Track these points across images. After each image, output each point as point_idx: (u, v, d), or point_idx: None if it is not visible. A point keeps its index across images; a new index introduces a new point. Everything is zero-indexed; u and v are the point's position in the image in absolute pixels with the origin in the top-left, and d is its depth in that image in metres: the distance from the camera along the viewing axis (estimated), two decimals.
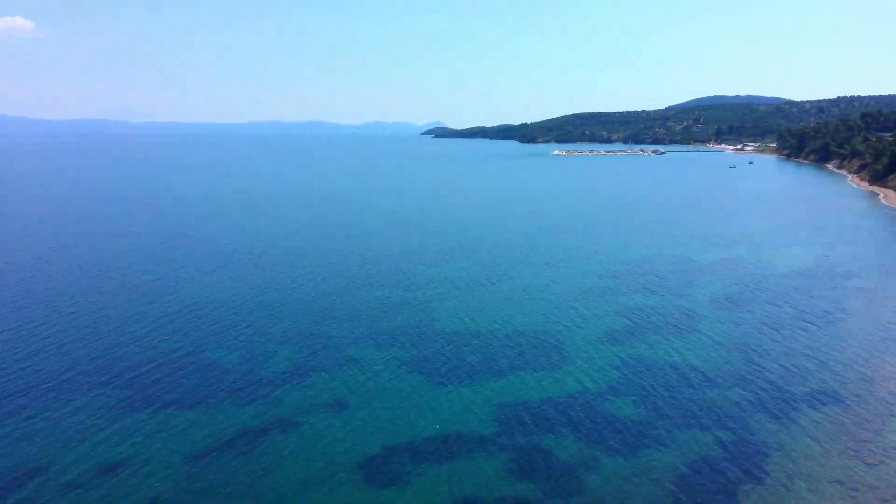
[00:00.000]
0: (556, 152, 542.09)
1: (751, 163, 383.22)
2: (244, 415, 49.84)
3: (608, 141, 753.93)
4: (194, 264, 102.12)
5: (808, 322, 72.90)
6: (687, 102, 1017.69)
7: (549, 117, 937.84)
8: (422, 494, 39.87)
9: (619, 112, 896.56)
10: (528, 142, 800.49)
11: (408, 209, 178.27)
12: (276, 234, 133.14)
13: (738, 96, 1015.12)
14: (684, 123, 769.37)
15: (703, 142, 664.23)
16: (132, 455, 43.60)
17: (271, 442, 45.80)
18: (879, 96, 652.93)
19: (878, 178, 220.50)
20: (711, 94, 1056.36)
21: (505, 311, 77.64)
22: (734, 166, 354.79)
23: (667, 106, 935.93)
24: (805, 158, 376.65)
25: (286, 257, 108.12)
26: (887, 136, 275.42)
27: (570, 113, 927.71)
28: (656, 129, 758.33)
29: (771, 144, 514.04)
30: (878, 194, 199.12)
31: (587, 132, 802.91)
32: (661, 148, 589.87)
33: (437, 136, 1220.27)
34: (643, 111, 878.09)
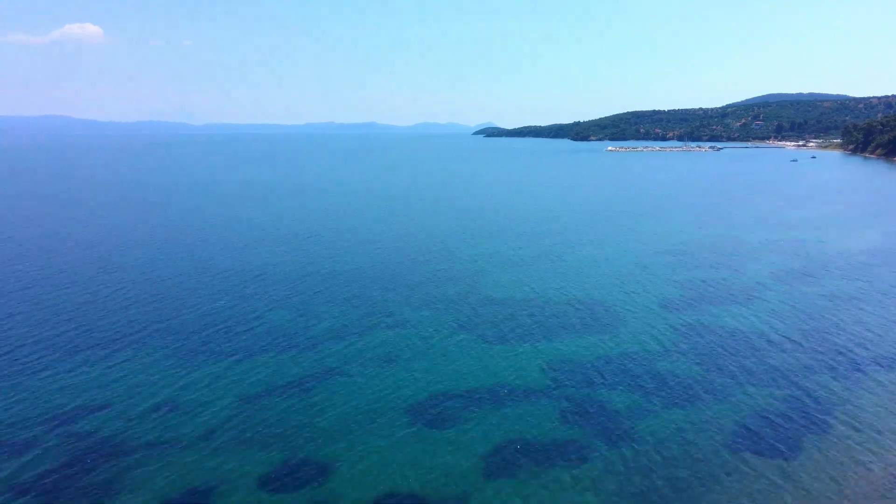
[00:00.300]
0: (610, 148, 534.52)
1: (813, 157, 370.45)
2: (297, 366, 50.26)
3: (663, 138, 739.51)
4: (266, 242, 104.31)
5: (881, 294, 69.81)
6: (746, 101, 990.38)
7: (602, 116, 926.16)
8: (470, 433, 39.45)
9: (674, 110, 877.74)
10: (581, 140, 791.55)
11: (463, 198, 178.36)
12: (340, 218, 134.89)
13: (800, 94, 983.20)
14: (743, 120, 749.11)
15: (762, 139, 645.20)
16: (191, 396, 44.43)
17: (322, 388, 46.02)
18: None
19: None
20: (771, 92, 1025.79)
21: (560, 282, 76.59)
22: (795, 160, 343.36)
23: (724, 104, 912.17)
24: (872, 153, 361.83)
25: (348, 236, 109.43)
26: None
27: (624, 111, 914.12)
28: (714, 127, 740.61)
29: (835, 140, 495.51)
30: None
31: (642, 130, 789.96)
32: (717, 144, 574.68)
33: (487, 135, 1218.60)
34: (700, 109, 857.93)
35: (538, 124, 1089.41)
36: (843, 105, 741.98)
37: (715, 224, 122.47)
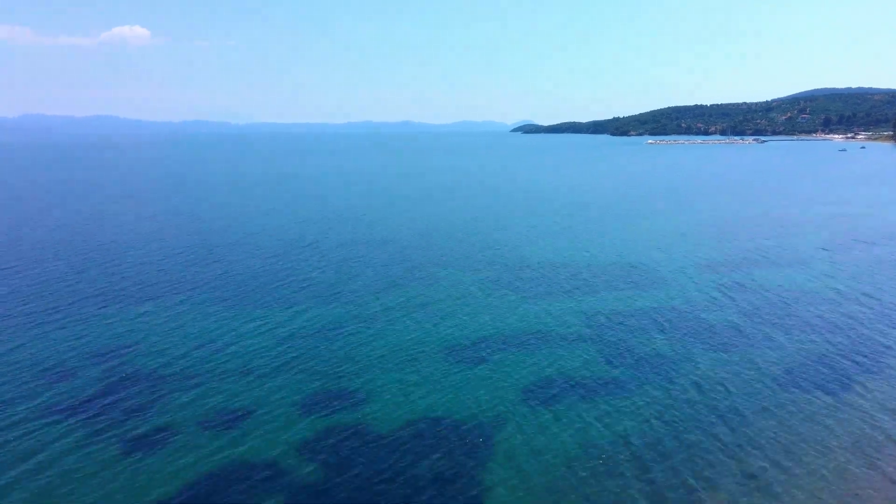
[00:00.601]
0: (650, 141, 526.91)
1: (862, 147, 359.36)
2: (333, 314, 50.37)
3: (705, 133, 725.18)
4: (324, 220, 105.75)
5: None
6: (791, 95, 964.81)
7: (642, 111, 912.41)
8: (510, 370, 39.08)
9: (717, 104, 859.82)
10: (621, 135, 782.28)
11: (501, 185, 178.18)
12: (392, 203, 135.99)
13: (848, 88, 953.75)
14: (788, 114, 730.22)
15: (808, 132, 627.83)
16: (230, 340, 44.89)
17: (363, 333, 45.94)
18: None
19: None
20: (818, 87, 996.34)
21: (604, 249, 75.75)
22: (844, 150, 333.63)
23: (769, 99, 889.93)
24: None
25: (399, 217, 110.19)
26: None
27: (665, 106, 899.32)
28: (758, 121, 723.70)
29: (885, 133, 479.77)
30: None
31: (683, 124, 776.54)
32: (762, 137, 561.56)
33: (525, 132, 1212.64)
34: (743, 103, 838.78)
35: (577, 120, 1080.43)
36: (895, 98, 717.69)
37: (762, 202, 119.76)
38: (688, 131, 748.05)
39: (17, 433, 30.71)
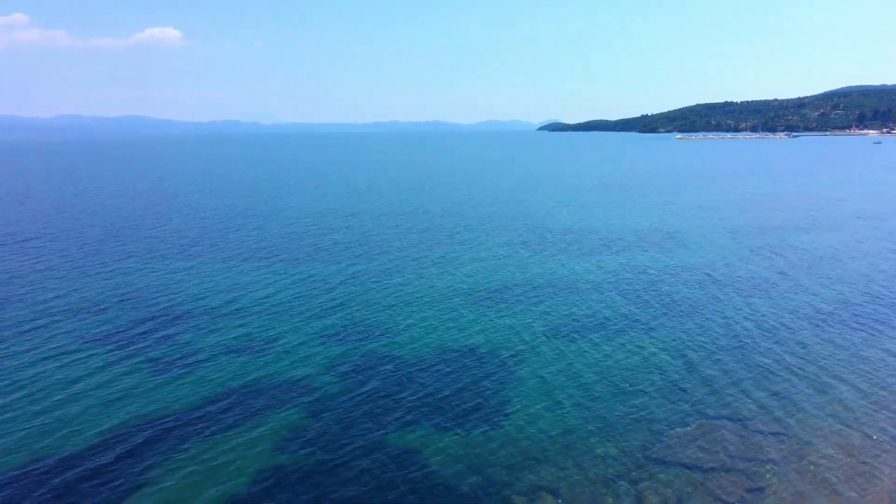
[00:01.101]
0: (679, 136, 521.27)
1: None
2: (366, 268, 50.98)
3: (735, 129, 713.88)
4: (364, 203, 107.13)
5: None
6: (824, 92, 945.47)
7: (670, 109, 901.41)
8: (531, 309, 39.44)
9: (747, 101, 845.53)
10: (649, 132, 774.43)
11: (530, 172, 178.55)
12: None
13: (883, 85, 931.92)
14: (821, 110, 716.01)
15: (842, 128, 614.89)
16: (264, 288, 45.78)
17: (388, 281, 46.55)
18: None
19: None
20: (851, 84, 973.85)
21: (630, 217, 75.74)
22: (879, 142, 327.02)
23: (801, 96, 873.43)
24: None
25: (431, 194, 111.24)
26: None
27: (695, 104, 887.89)
28: (789, 117, 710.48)
29: None
30: None
31: (713, 121, 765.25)
32: (793, 133, 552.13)
33: (552, 130, 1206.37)
34: (774, 100, 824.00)
35: (604, 118, 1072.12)
36: None
37: (792, 183, 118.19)
38: (717, 128, 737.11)
39: (59, 364, 31.70)
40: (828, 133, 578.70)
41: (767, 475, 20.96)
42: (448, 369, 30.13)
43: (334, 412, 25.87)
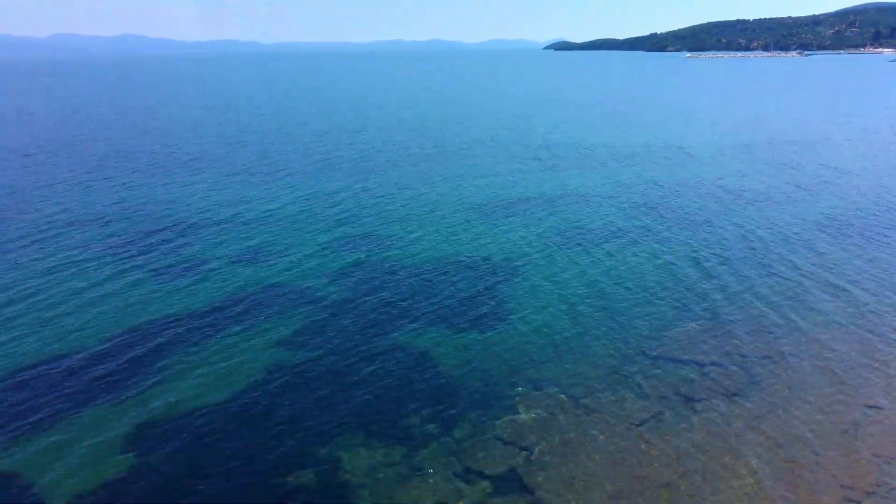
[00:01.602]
0: (689, 55, 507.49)
1: None
2: (370, 182, 50.37)
3: (746, 48, 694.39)
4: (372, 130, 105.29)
5: None
6: (840, 10, 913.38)
7: (680, 27, 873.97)
8: (532, 218, 39.09)
9: (759, 19, 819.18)
10: (658, 51, 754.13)
11: (532, 93, 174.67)
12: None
13: None
14: (836, 28, 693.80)
15: (856, 46, 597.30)
16: (255, 204, 45.27)
17: (395, 195, 45.95)
18: None
19: None
20: (870, 0, 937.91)
21: (636, 132, 74.36)
22: (894, 61, 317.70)
23: (817, 13, 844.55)
24: None
25: (436, 112, 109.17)
26: None
27: (706, 21, 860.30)
28: (803, 35, 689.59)
29: None
30: None
31: (723, 40, 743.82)
32: (806, 51, 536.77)
33: (557, 49, 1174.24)
34: (788, 17, 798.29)
35: (612, 37, 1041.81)
36: None
37: (803, 101, 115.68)
38: (728, 47, 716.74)
39: (67, 273, 31.52)
40: (842, 52, 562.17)
41: (774, 367, 21.06)
42: (462, 276, 29.96)
43: (348, 316, 25.85)
